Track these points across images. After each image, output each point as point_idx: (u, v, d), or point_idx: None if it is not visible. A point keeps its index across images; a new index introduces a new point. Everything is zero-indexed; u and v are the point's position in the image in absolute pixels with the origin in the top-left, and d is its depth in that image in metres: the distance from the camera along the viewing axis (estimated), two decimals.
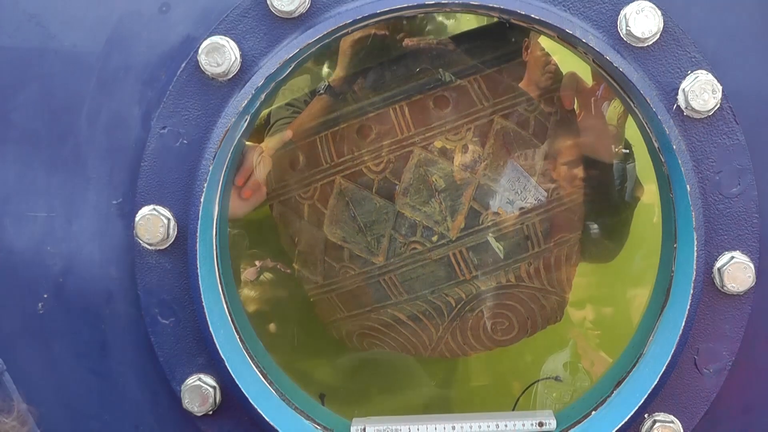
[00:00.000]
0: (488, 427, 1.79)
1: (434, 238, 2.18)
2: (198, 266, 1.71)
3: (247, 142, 2.09)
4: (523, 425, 1.81)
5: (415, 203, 2.18)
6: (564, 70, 2.28)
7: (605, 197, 2.37)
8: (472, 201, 2.17)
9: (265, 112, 2.40)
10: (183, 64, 1.71)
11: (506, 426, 1.80)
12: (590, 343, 2.79)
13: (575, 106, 2.28)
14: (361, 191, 2.19)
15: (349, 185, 2.19)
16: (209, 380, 1.76)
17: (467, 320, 2.25)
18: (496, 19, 1.80)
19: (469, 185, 2.16)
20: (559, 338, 2.71)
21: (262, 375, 1.82)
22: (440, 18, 2.69)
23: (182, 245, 1.73)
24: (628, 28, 1.66)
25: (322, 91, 2.30)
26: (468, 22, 2.59)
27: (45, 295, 1.78)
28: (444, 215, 2.18)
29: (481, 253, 2.20)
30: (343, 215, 2.22)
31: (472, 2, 1.67)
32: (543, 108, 2.23)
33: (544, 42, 2.25)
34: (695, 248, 1.69)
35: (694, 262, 1.69)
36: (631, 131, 2.21)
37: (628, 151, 2.37)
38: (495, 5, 1.66)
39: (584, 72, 2.24)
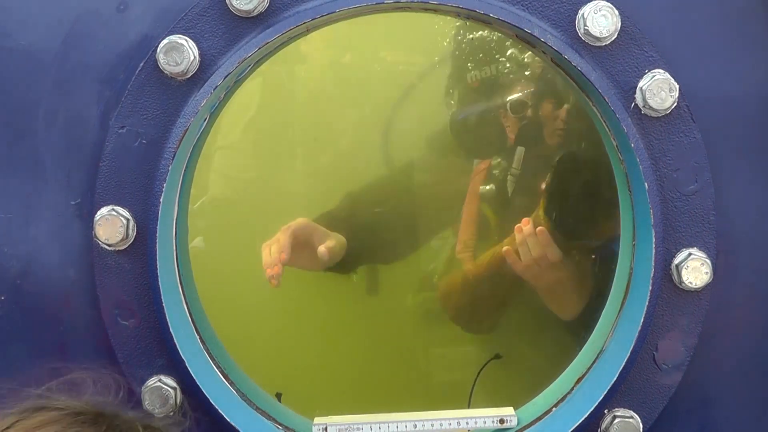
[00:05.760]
0: (450, 425, 1.80)
1: None
2: (158, 266, 1.70)
3: None
4: (485, 423, 1.82)
5: None
6: None
7: None
8: None
9: None
10: (141, 64, 1.70)
11: (467, 423, 1.81)
12: None
13: None
14: None
15: None
16: (170, 381, 1.75)
17: None
18: None
19: None
20: None
21: (223, 375, 1.81)
22: None
23: (141, 246, 1.71)
24: (585, 27, 1.67)
25: None
26: None
27: (2, 297, 1.76)
28: None
29: None
30: None
31: (430, 2, 1.67)
32: None
33: None
34: (653, 245, 1.71)
35: (653, 258, 1.71)
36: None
37: None
38: (454, 5, 1.67)
39: None
